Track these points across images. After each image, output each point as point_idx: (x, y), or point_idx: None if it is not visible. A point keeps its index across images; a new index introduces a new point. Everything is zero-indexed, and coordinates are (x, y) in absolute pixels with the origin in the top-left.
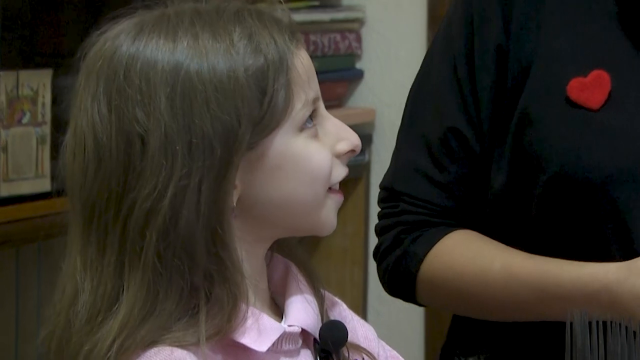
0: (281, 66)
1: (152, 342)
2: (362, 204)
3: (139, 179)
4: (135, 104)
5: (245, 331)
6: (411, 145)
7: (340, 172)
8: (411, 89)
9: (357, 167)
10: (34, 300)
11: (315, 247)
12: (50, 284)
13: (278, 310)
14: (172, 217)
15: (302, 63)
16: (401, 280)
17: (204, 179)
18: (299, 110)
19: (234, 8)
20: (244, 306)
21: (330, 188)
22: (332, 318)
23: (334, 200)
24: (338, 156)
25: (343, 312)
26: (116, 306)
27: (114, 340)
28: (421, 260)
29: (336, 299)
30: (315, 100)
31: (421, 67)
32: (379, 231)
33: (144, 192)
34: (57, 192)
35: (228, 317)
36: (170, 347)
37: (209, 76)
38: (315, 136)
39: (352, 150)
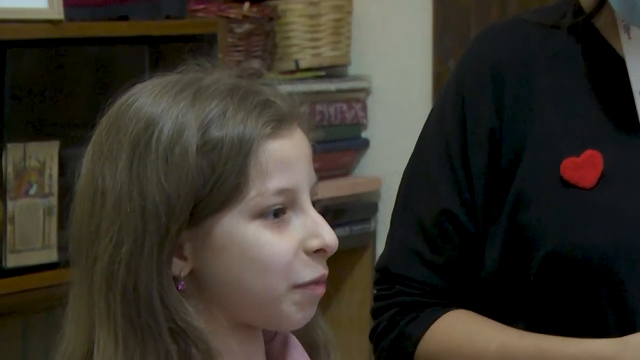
0: (239, 150)
1: None
2: (369, 272)
3: (97, 232)
4: (105, 159)
5: None
6: (405, 227)
7: (309, 272)
8: (405, 170)
9: (364, 235)
10: None
11: (321, 315)
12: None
13: None
14: (129, 279)
15: (272, 153)
16: None
17: (154, 243)
18: (254, 197)
19: (229, 85)
20: None
21: (302, 284)
22: None
23: (298, 297)
24: (307, 253)
25: None
26: None
27: None
28: (417, 342)
29: None
30: (288, 192)
31: (415, 148)
32: (375, 313)
33: (102, 247)
34: (64, 263)
35: None
36: None
37: (164, 145)
38: (279, 228)
39: (324, 250)
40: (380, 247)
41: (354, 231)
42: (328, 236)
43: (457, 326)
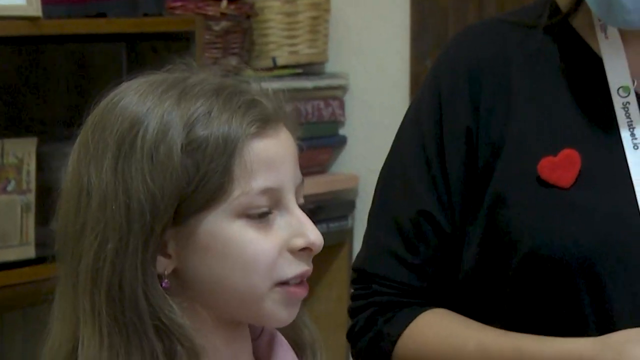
0: (224, 149)
1: None
2: (346, 269)
3: (82, 230)
4: (91, 157)
5: None
6: (382, 227)
7: (293, 269)
8: (381, 170)
9: (341, 232)
10: None
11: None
12: (35, 351)
13: None
14: (114, 276)
15: (257, 153)
16: None
17: (138, 242)
18: (238, 196)
19: (215, 84)
20: None
21: (283, 283)
22: None
23: (282, 296)
24: (292, 252)
25: None
26: None
27: None
28: (395, 341)
29: None
30: (273, 191)
31: (391, 148)
32: (352, 312)
33: (87, 245)
34: (42, 259)
35: None
36: None
37: (150, 144)
38: (263, 227)
39: (309, 249)
40: (358, 244)
41: (331, 228)
42: (313, 235)
43: (434, 325)
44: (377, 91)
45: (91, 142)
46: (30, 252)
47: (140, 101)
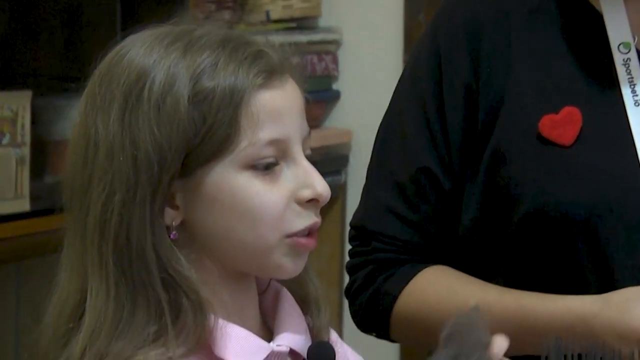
0: (231, 100)
1: None
2: (339, 225)
3: (90, 181)
4: (98, 109)
5: (233, 351)
6: (381, 184)
7: (302, 221)
8: (380, 126)
9: (334, 187)
10: (12, 320)
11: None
12: (29, 304)
13: (269, 333)
14: (122, 227)
15: (264, 104)
16: (375, 318)
17: (146, 193)
18: (244, 147)
19: (221, 36)
20: (216, 319)
21: (293, 234)
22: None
23: (292, 247)
24: (300, 203)
25: (333, 337)
26: (79, 314)
27: (82, 354)
28: (395, 298)
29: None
30: (279, 142)
31: (389, 106)
32: (351, 269)
33: (94, 196)
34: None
35: (196, 328)
36: None
37: (156, 96)
38: (270, 178)
39: (317, 200)
40: (351, 199)
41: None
42: (320, 186)
43: (435, 283)
44: (370, 46)
45: (98, 94)
46: (24, 206)
47: (146, 53)
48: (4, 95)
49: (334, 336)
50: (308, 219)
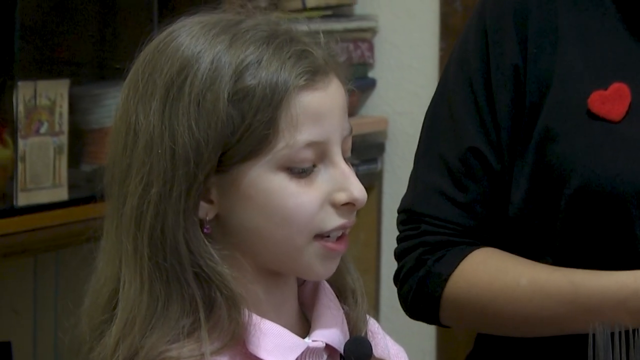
0: (271, 101)
1: (159, 356)
2: (375, 213)
3: (128, 170)
4: (140, 98)
5: (266, 348)
6: (430, 167)
7: (334, 222)
8: (427, 111)
9: (370, 175)
10: (51, 309)
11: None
12: (68, 292)
13: (307, 326)
14: (157, 221)
15: (304, 105)
16: (425, 302)
17: (182, 188)
18: (281, 149)
19: (267, 31)
20: (250, 315)
21: (323, 237)
22: (361, 334)
23: (320, 250)
24: (335, 206)
25: (372, 327)
26: (113, 305)
27: (116, 347)
28: (445, 281)
29: (368, 316)
30: (318, 145)
31: (437, 89)
32: (400, 254)
33: (132, 187)
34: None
35: (230, 324)
36: None
37: (197, 90)
38: (306, 181)
39: (352, 204)
40: (387, 187)
41: (361, 171)
42: (356, 190)
43: (485, 263)
44: (406, 33)
45: (141, 82)
46: (62, 194)
47: (191, 44)
48: (42, 84)
49: (374, 327)
50: (340, 220)
